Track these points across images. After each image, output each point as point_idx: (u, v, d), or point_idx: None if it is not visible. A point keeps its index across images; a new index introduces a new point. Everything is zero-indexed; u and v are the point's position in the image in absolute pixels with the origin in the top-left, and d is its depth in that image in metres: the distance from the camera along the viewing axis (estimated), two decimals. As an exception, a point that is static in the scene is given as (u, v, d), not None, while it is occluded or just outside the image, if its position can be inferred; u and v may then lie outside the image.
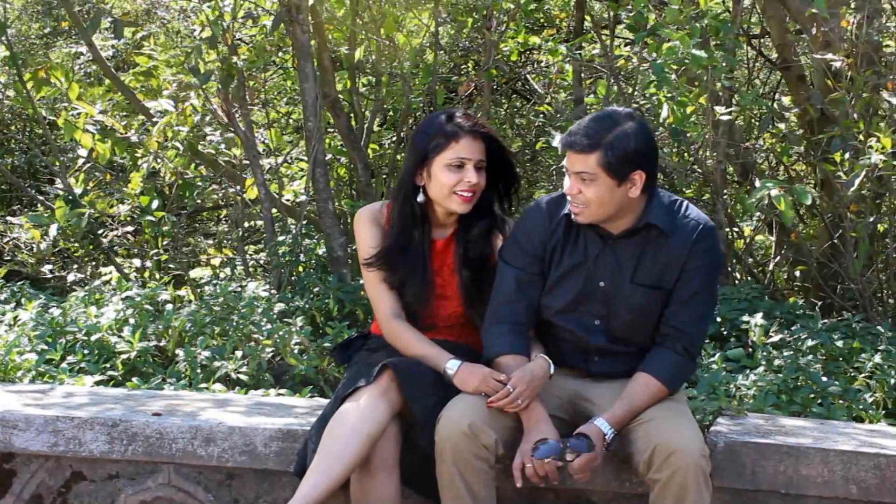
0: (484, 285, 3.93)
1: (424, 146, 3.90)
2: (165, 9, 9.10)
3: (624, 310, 3.80)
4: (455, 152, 3.87)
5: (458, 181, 3.87)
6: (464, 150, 3.87)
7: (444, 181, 3.88)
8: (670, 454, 3.51)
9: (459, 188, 3.88)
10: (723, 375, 4.83)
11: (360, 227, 4.01)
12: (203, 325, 5.24)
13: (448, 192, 3.89)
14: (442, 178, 3.88)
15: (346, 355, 4.11)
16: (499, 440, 3.63)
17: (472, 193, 3.90)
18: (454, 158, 3.87)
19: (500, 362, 3.77)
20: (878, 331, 5.44)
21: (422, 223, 3.96)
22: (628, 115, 3.71)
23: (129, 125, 7.40)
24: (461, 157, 3.87)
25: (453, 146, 3.86)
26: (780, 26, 7.02)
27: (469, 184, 3.87)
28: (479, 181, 3.90)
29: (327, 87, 6.97)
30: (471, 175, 3.87)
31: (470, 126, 3.89)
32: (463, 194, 3.89)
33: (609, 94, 7.49)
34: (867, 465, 3.75)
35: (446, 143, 3.87)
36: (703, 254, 3.78)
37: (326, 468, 3.59)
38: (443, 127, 3.89)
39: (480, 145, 3.91)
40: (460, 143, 3.87)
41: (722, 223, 6.66)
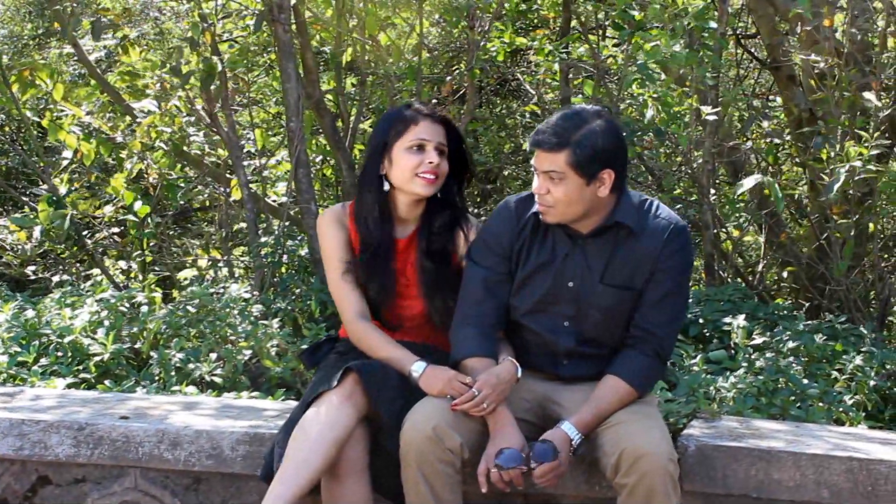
0: (445, 280, 3.89)
1: (384, 135, 3.89)
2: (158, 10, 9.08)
3: (594, 310, 3.75)
4: (414, 134, 3.85)
5: (420, 163, 3.85)
6: (423, 131, 3.86)
7: (405, 164, 3.85)
8: (638, 458, 3.45)
9: (421, 170, 3.85)
10: (703, 377, 4.78)
11: (324, 230, 3.97)
12: (178, 328, 5.20)
13: (411, 176, 3.86)
14: (403, 161, 3.85)
15: (314, 359, 4.06)
16: (464, 444, 3.57)
17: (434, 175, 3.86)
18: (414, 140, 3.85)
19: (466, 365, 3.72)
20: (861, 332, 5.39)
21: (387, 220, 3.92)
22: (597, 113, 3.67)
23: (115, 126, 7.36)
24: (421, 138, 3.85)
25: (412, 129, 3.86)
26: (769, 26, 6.98)
27: (431, 164, 3.84)
28: (440, 163, 3.87)
29: (311, 88, 6.93)
30: (432, 156, 3.85)
31: (428, 111, 3.90)
32: (426, 176, 3.85)
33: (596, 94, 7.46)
34: (839, 469, 3.70)
35: (405, 128, 3.86)
36: (674, 254, 3.73)
37: (293, 475, 3.54)
38: (401, 114, 3.90)
39: (440, 129, 3.89)
40: (419, 125, 3.86)
41: (708, 224, 6.62)
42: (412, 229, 3.96)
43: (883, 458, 3.68)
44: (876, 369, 5.04)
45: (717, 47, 6.46)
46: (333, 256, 3.94)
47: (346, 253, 3.93)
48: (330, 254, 3.95)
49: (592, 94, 7.44)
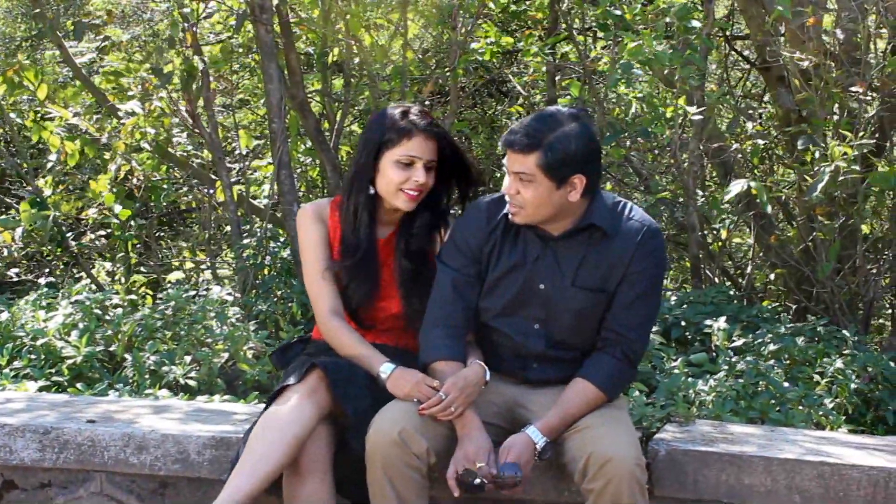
0: (423, 282, 3.84)
1: (377, 139, 3.82)
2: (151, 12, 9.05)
3: (564, 313, 3.69)
4: (406, 149, 3.79)
5: (406, 179, 3.79)
6: (415, 148, 3.79)
7: (392, 177, 3.80)
8: (604, 463, 3.41)
9: (407, 186, 3.80)
10: (682, 380, 4.74)
11: (303, 224, 3.93)
12: (153, 330, 5.15)
13: (395, 189, 3.81)
14: (390, 173, 3.80)
15: (284, 359, 4.01)
16: (431, 448, 3.53)
17: (418, 192, 3.82)
18: (404, 155, 3.79)
19: (434, 368, 3.68)
20: (843, 335, 5.33)
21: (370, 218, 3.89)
22: (572, 115, 3.61)
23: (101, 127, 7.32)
24: (412, 154, 3.79)
25: (405, 143, 3.79)
26: (759, 26, 6.92)
27: (416, 183, 3.79)
28: (426, 181, 3.82)
29: (296, 89, 6.88)
30: (419, 174, 3.79)
31: (424, 124, 3.81)
32: (409, 192, 3.80)
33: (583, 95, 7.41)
34: (810, 474, 3.65)
35: (398, 139, 3.79)
36: (646, 256, 3.67)
37: (251, 470, 3.50)
38: (396, 122, 3.81)
39: (433, 145, 3.83)
40: (412, 140, 3.79)
41: (695, 225, 6.57)
42: (391, 230, 3.93)
43: (855, 464, 3.64)
44: (857, 372, 5.00)
45: (704, 48, 6.41)
46: (312, 253, 3.90)
47: (324, 249, 3.90)
48: (308, 250, 3.91)
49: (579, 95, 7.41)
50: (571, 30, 7.38)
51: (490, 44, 7.11)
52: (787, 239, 6.94)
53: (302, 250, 3.92)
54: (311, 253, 3.89)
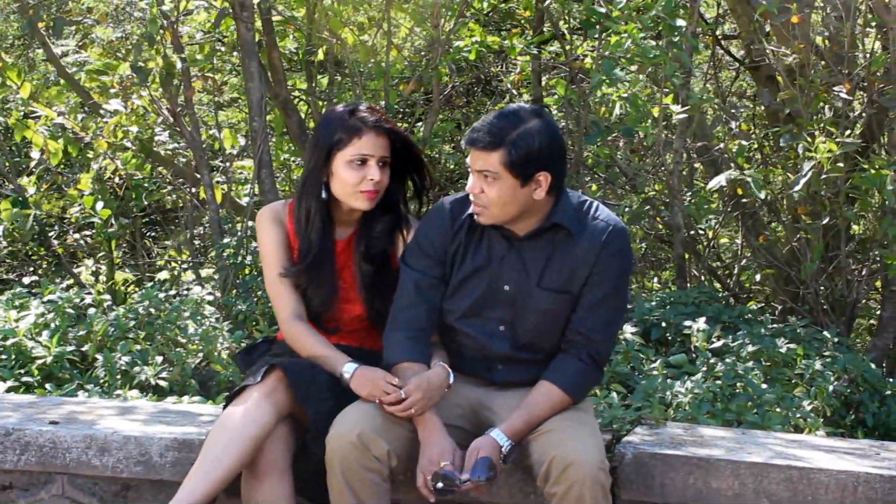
0: (384, 284, 3.79)
1: (327, 141, 3.75)
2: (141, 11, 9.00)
3: (530, 314, 3.64)
4: (357, 149, 3.71)
5: (361, 179, 3.72)
6: (366, 146, 3.72)
7: (346, 178, 3.73)
8: (567, 466, 3.35)
9: (363, 186, 3.73)
10: (659, 382, 4.69)
11: (262, 228, 3.87)
12: (126, 330, 5.10)
13: (351, 190, 3.74)
14: (344, 175, 3.73)
15: (248, 360, 3.96)
16: (392, 451, 3.48)
17: (375, 191, 3.75)
18: (356, 155, 3.72)
19: (397, 370, 3.62)
20: (824, 336, 5.28)
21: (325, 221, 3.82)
22: (535, 112, 3.56)
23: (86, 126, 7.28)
24: (363, 153, 3.72)
25: (355, 142, 3.71)
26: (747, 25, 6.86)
27: (372, 182, 3.72)
28: (382, 178, 3.75)
29: (279, 87, 6.84)
30: (373, 172, 3.72)
31: (373, 121, 3.73)
32: (367, 192, 3.74)
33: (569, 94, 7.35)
34: (778, 478, 3.59)
35: (348, 139, 3.71)
36: (612, 256, 3.62)
37: (205, 471, 3.46)
38: (345, 121, 3.73)
39: (384, 141, 3.75)
40: (363, 138, 3.71)
41: (680, 225, 6.51)
42: (350, 231, 3.86)
43: (823, 467, 3.58)
44: (837, 374, 4.95)
45: (689, 47, 6.35)
46: (270, 256, 3.84)
47: (283, 252, 3.84)
48: (267, 253, 3.85)
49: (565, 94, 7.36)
50: (557, 28, 7.32)
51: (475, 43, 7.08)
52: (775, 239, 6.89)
53: (261, 255, 3.87)
54: (270, 256, 3.83)
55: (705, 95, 6.60)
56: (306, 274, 3.78)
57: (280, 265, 3.81)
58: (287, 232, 3.85)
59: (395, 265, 3.81)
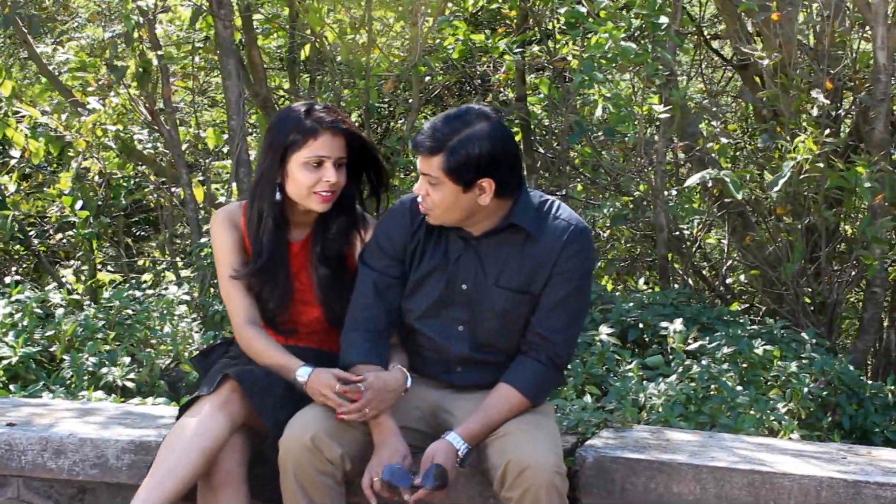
0: (341, 286, 3.72)
1: (282, 142, 3.66)
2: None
3: (488, 315, 3.58)
4: (312, 150, 3.63)
5: (317, 181, 3.64)
6: (322, 147, 3.63)
7: (301, 180, 3.64)
8: (522, 471, 3.30)
9: (319, 188, 3.65)
10: (632, 384, 4.63)
11: (216, 230, 3.78)
12: (95, 330, 5.05)
13: (307, 192, 3.66)
14: (299, 177, 3.65)
15: (206, 362, 3.90)
16: (346, 454, 3.43)
17: (331, 193, 3.67)
18: (312, 157, 3.63)
19: (354, 371, 3.56)
20: (802, 338, 5.20)
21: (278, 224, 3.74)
22: (483, 114, 3.47)
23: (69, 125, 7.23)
24: (319, 154, 3.63)
25: (311, 144, 3.62)
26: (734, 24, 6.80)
27: (328, 183, 3.64)
28: (338, 180, 3.67)
29: (259, 86, 6.80)
30: (330, 174, 3.64)
31: (330, 121, 3.64)
32: (322, 194, 3.66)
33: (553, 94, 7.30)
34: (740, 483, 3.53)
35: (303, 141, 3.62)
36: (572, 257, 3.55)
37: (157, 484, 3.39)
38: (300, 122, 3.64)
39: (340, 141, 3.67)
40: (318, 140, 3.62)
41: (662, 226, 6.45)
42: (307, 233, 3.79)
43: (787, 472, 3.52)
44: (814, 376, 4.88)
45: (673, 46, 6.29)
46: (224, 259, 3.77)
47: (237, 256, 3.76)
48: (221, 256, 3.78)
49: (548, 94, 7.31)
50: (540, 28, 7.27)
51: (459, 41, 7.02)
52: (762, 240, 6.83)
53: (215, 258, 3.79)
54: (223, 259, 3.76)
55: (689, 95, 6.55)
56: (258, 277, 3.71)
57: (232, 268, 3.74)
58: (242, 234, 3.77)
59: (352, 266, 3.74)
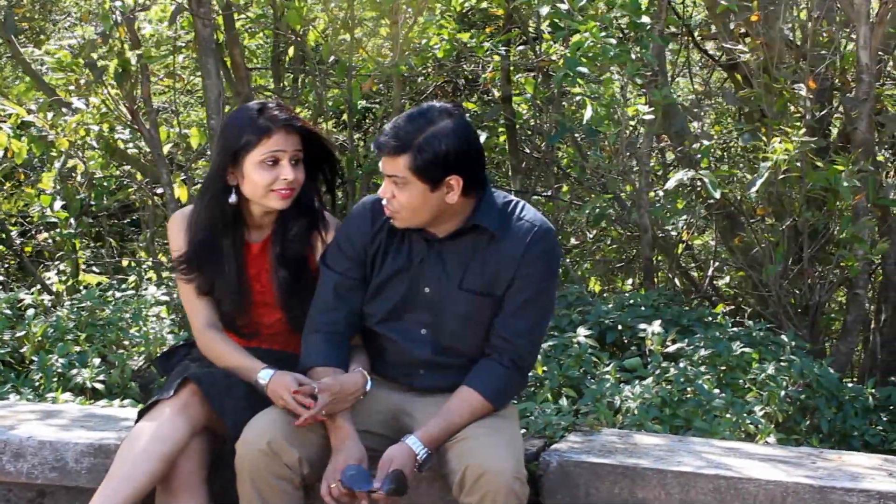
0: (302, 288, 3.66)
1: (234, 143, 3.59)
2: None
3: (451, 318, 3.52)
4: (267, 148, 3.56)
5: (274, 179, 3.58)
6: (277, 144, 3.57)
7: (258, 180, 3.58)
8: (480, 476, 3.24)
9: (276, 186, 3.59)
10: (608, 386, 4.57)
11: (172, 232, 3.72)
12: (65, 332, 5.00)
13: (264, 192, 3.60)
14: (256, 177, 3.58)
15: (168, 364, 3.84)
16: (304, 458, 3.38)
17: (290, 189, 3.61)
18: (267, 155, 3.57)
19: (313, 374, 3.51)
20: (782, 340, 5.14)
21: (234, 226, 3.68)
22: (445, 111, 3.42)
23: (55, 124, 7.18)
24: (275, 151, 3.58)
25: (265, 142, 3.56)
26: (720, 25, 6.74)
27: (286, 181, 3.58)
28: (296, 176, 3.61)
29: (241, 85, 6.73)
30: (287, 171, 3.58)
31: (283, 119, 3.59)
32: (281, 191, 3.60)
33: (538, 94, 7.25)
34: (706, 488, 3.48)
35: (257, 140, 3.56)
36: (536, 258, 3.50)
37: (114, 490, 3.35)
38: (253, 121, 3.58)
39: (295, 138, 3.61)
40: (273, 138, 3.56)
41: (646, 226, 6.39)
42: (266, 234, 3.73)
43: (752, 477, 3.47)
44: (793, 379, 4.82)
45: (657, 46, 6.23)
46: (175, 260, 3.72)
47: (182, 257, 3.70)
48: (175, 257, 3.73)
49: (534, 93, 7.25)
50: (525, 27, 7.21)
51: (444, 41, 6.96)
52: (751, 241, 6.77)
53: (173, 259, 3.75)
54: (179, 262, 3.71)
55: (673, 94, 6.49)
56: (197, 272, 3.65)
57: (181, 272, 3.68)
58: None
59: (313, 268, 3.69)
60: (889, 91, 6.85)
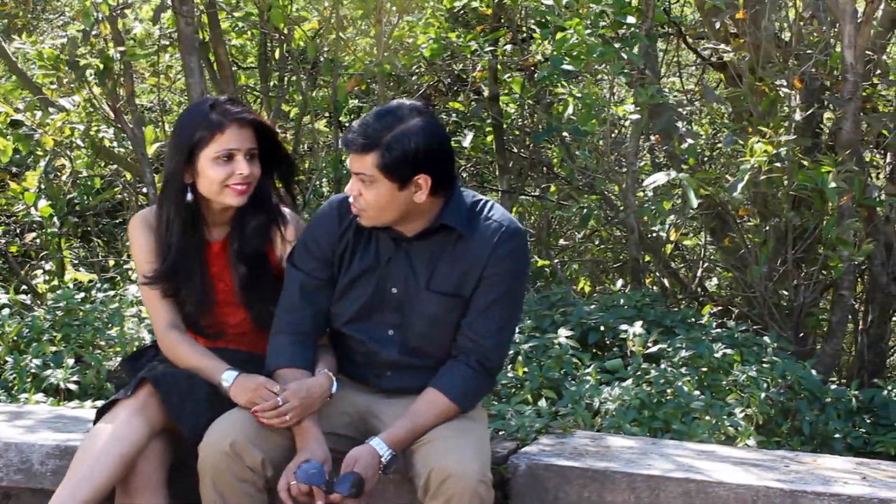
0: (262, 283, 3.62)
1: (188, 140, 3.54)
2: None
3: (418, 318, 3.48)
4: (221, 144, 3.51)
5: (230, 174, 3.52)
6: (231, 140, 3.52)
7: (213, 176, 3.53)
8: (445, 479, 3.20)
9: (232, 181, 3.53)
10: (587, 388, 4.53)
11: (133, 234, 3.67)
12: (40, 332, 4.96)
13: (220, 188, 3.54)
14: (211, 173, 3.53)
15: (135, 366, 3.78)
16: (267, 460, 3.33)
17: (245, 185, 3.56)
18: (221, 151, 3.51)
19: (279, 375, 3.47)
20: (764, 342, 5.09)
21: (194, 225, 3.63)
22: (415, 109, 3.38)
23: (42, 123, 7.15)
24: (229, 148, 3.52)
25: (218, 138, 3.51)
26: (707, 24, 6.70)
27: (241, 176, 3.53)
28: (251, 171, 3.55)
29: (225, 84, 6.69)
30: (242, 167, 3.53)
31: (236, 113, 3.54)
32: (236, 187, 3.54)
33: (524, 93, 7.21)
34: (675, 492, 3.43)
35: (210, 136, 3.51)
36: (504, 258, 3.44)
37: (70, 492, 3.30)
38: (206, 117, 3.53)
39: (249, 132, 3.56)
40: (226, 133, 3.51)
41: (633, 227, 6.34)
42: (226, 231, 3.68)
43: (723, 481, 3.42)
44: (774, 380, 4.77)
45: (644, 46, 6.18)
46: (142, 264, 3.66)
47: (153, 259, 3.64)
48: (137, 260, 3.67)
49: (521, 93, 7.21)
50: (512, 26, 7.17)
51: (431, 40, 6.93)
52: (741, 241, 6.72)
53: (134, 263, 3.69)
54: (142, 266, 3.64)
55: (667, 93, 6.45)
56: (169, 280, 3.61)
57: (143, 274, 3.64)
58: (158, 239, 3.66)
59: (274, 263, 3.65)
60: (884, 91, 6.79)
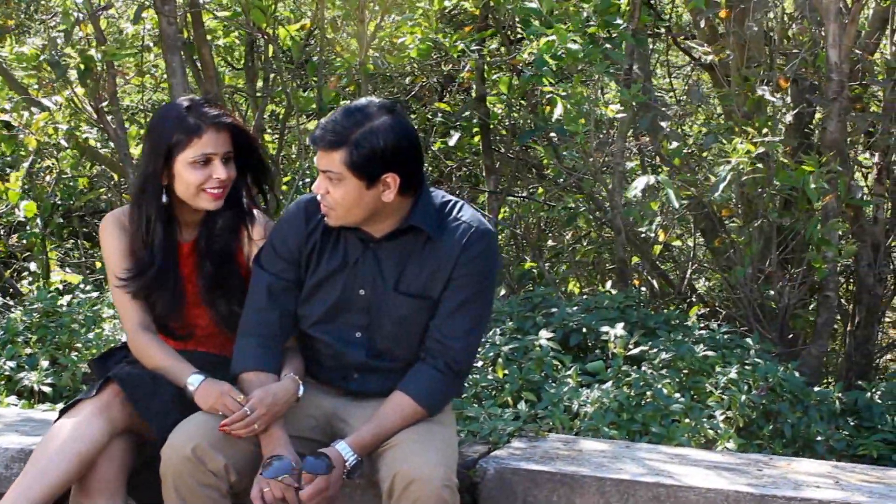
0: (227, 283, 3.58)
1: (165, 143, 3.50)
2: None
3: (386, 320, 3.43)
4: (199, 149, 3.48)
5: (206, 178, 3.49)
6: (207, 144, 3.48)
7: (190, 180, 3.50)
8: (409, 483, 3.15)
9: (208, 185, 3.50)
10: (566, 390, 4.48)
11: (105, 235, 3.62)
12: (15, 333, 4.91)
13: (196, 191, 3.51)
14: (187, 177, 3.50)
15: (104, 367, 3.74)
16: (230, 465, 3.28)
17: (221, 189, 3.53)
18: (199, 155, 3.48)
19: (244, 378, 3.42)
20: (747, 344, 5.04)
21: (169, 226, 3.59)
22: (384, 107, 3.33)
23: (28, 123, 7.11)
24: (206, 152, 3.49)
25: (195, 142, 3.47)
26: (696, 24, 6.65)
27: (218, 180, 3.50)
28: (228, 175, 3.52)
29: (210, 84, 6.65)
30: (219, 171, 3.50)
31: (213, 117, 3.50)
32: (212, 191, 3.51)
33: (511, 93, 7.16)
34: (645, 496, 3.39)
35: (187, 140, 3.47)
36: (472, 260, 3.39)
37: (25, 488, 3.25)
38: (183, 120, 3.49)
39: (226, 136, 3.53)
40: (203, 138, 3.48)
41: (619, 228, 6.30)
42: (196, 232, 3.64)
43: (693, 485, 3.37)
44: (756, 382, 4.71)
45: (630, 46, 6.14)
46: (113, 265, 3.61)
47: (126, 260, 3.60)
48: (110, 262, 3.62)
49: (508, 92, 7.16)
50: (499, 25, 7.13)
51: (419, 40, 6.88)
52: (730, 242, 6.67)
53: (105, 264, 3.64)
54: (113, 265, 3.59)
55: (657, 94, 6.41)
56: (146, 282, 3.56)
57: (116, 276, 3.59)
58: (131, 239, 3.63)
59: (242, 263, 3.61)
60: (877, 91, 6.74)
